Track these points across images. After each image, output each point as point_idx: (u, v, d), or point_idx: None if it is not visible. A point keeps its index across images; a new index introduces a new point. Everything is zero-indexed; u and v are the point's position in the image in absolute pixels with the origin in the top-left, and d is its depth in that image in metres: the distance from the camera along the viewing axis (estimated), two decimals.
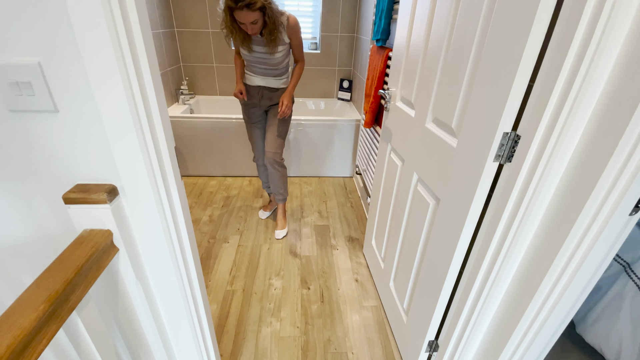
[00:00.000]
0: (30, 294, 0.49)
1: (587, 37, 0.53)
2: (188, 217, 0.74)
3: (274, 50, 1.57)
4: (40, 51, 0.51)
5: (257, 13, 1.36)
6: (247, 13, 1.34)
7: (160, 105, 0.60)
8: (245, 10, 1.33)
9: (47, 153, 0.58)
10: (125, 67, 0.52)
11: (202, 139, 2.54)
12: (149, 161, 0.60)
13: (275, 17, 1.44)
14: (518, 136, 0.69)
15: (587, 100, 0.56)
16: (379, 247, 1.59)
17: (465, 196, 0.83)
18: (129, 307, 0.74)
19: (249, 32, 1.43)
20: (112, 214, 0.61)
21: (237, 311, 1.51)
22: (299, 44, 1.64)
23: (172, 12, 2.69)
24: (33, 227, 0.66)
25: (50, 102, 0.54)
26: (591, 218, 0.60)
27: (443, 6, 0.91)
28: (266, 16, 1.41)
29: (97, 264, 0.59)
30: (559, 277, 0.68)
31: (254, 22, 1.39)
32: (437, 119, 0.96)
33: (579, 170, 0.60)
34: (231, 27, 1.46)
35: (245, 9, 1.32)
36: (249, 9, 1.32)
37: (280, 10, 1.51)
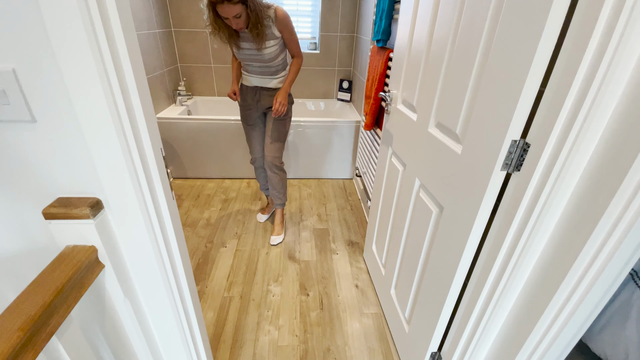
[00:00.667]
0: (4, 321, 0.45)
1: (607, 34, 0.49)
2: (179, 228, 0.71)
3: (261, 46, 1.51)
4: (14, 57, 0.47)
5: (239, 6, 1.32)
6: (228, 7, 1.30)
7: (147, 112, 0.56)
8: (226, 3, 1.29)
9: (25, 165, 0.55)
10: (106, 72, 0.48)
11: (200, 140, 2.50)
12: (134, 172, 0.56)
13: (259, 9, 1.39)
14: (527, 144, 0.65)
15: (605, 107, 0.53)
16: (379, 253, 1.55)
17: (471, 205, 0.79)
18: (117, 325, 0.70)
19: (234, 26, 1.39)
20: (96, 229, 0.57)
21: (235, 319, 1.47)
22: (291, 37, 1.55)
23: (169, 12, 2.65)
24: (15, 242, 0.62)
25: (27, 112, 0.50)
26: (607, 232, 0.56)
27: (447, 5, 0.87)
28: (249, 9, 1.36)
29: (80, 283, 0.56)
30: (571, 293, 0.64)
31: (237, 16, 1.35)
32: (441, 123, 0.93)
33: (594, 182, 0.56)
34: (215, 24, 1.42)
35: (227, 3, 1.29)
36: (230, 1, 1.29)
37: (267, 3, 1.45)
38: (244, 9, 1.34)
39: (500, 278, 0.75)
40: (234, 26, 1.39)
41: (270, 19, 1.47)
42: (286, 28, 1.51)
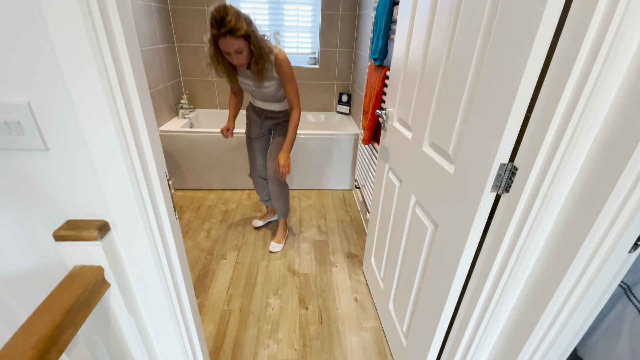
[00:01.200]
0: (18, 340, 0.48)
1: (588, 65, 0.52)
2: (181, 247, 0.73)
3: (261, 84, 1.52)
4: (30, 91, 0.51)
5: (242, 41, 1.32)
6: (230, 40, 1.30)
7: (153, 140, 0.59)
8: (229, 37, 1.29)
9: (38, 190, 0.58)
10: (116, 105, 0.52)
11: (202, 152, 2.54)
12: (140, 196, 0.59)
13: (262, 46, 1.40)
14: (515, 168, 0.68)
15: (587, 133, 0.56)
16: (378, 266, 1.57)
17: (464, 224, 0.82)
18: (121, 341, 0.72)
19: (235, 62, 1.39)
20: (103, 250, 0.60)
21: (234, 332, 1.48)
22: (289, 83, 1.53)
23: (173, 28, 2.72)
24: (26, 261, 0.65)
25: (41, 141, 0.53)
26: (590, 254, 0.59)
27: (440, 29, 0.91)
28: (251, 45, 1.36)
29: (87, 302, 0.58)
30: (561, 308, 0.67)
31: (238, 51, 1.34)
32: (434, 143, 0.96)
33: (578, 205, 0.59)
34: (214, 57, 1.42)
35: (229, 36, 1.29)
36: (232, 35, 1.28)
37: (270, 47, 1.46)
38: (246, 45, 1.35)
39: (493, 293, 0.77)
40: (234, 62, 1.39)
41: (271, 62, 1.48)
42: (284, 73, 1.50)
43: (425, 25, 0.99)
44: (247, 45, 1.35)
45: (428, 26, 0.98)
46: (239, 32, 1.29)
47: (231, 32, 1.27)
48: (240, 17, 1.30)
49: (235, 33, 1.28)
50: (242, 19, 1.30)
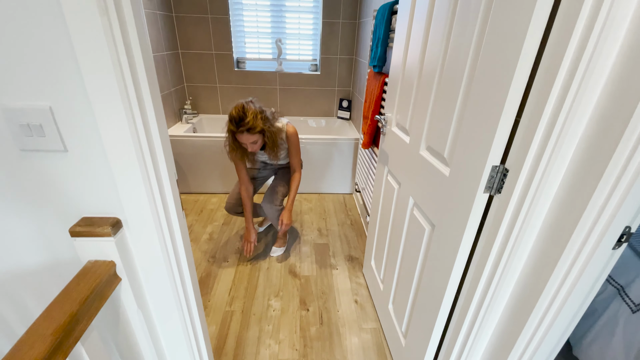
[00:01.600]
0: (38, 327, 0.51)
1: (571, 74, 0.56)
2: (188, 247, 0.77)
3: (277, 158, 1.74)
4: (52, 96, 0.55)
5: (257, 135, 1.49)
6: (247, 136, 1.47)
7: (164, 143, 0.63)
8: (246, 133, 1.46)
9: (55, 188, 0.62)
10: (131, 110, 0.56)
11: (204, 157, 2.58)
12: (151, 195, 0.63)
13: (275, 136, 1.57)
14: (506, 169, 0.71)
15: (571, 136, 0.59)
16: (378, 268, 1.60)
17: (458, 224, 0.85)
18: (129, 334, 0.75)
19: (249, 149, 1.56)
20: (115, 246, 0.63)
21: (236, 332, 1.51)
22: (295, 151, 1.74)
23: (177, 35, 2.78)
24: (42, 256, 0.69)
25: (60, 143, 0.57)
26: (577, 251, 0.62)
27: (435, 39, 0.95)
28: (266, 137, 1.54)
29: (100, 294, 0.62)
30: (550, 303, 0.70)
31: (253, 142, 1.52)
32: (431, 147, 1.00)
33: (565, 204, 0.63)
34: (233, 145, 1.58)
35: (246, 133, 1.46)
36: (249, 132, 1.46)
37: (278, 126, 1.64)
38: (260, 137, 1.52)
39: (487, 290, 0.80)
40: (249, 149, 1.56)
41: (282, 139, 1.68)
42: (292, 144, 1.71)
43: (422, 35, 1.04)
44: (261, 138, 1.54)
45: (424, 36, 1.02)
46: (255, 130, 1.46)
47: (248, 130, 1.45)
48: (258, 117, 1.47)
49: (252, 131, 1.46)
50: (259, 118, 1.47)
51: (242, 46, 2.92)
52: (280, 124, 1.66)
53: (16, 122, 0.56)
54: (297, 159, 1.77)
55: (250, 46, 2.93)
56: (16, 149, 0.59)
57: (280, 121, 1.67)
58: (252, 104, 1.49)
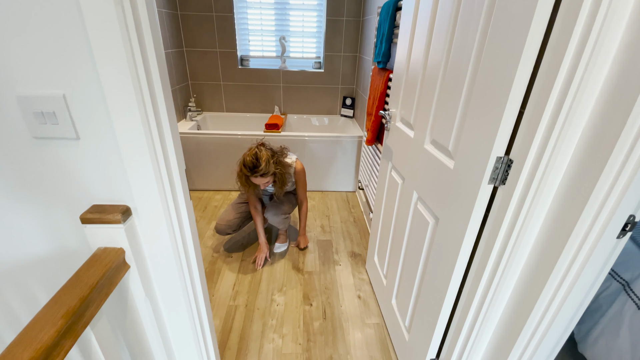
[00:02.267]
0: (49, 310, 0.52)
1: (574, 65, 0.56)
2: (196, 236, 0.78)
3: (283, 191, 1.84)
4: (65, 84, 0.56)
5: (269, 177, 1.63)
6: (260, 180, 1.60)
7: (174, 133, 0.64)
8: (260, 178, 1.59)
9: (67, 176, 0.63)
10: (143, 98, 0.57)
11: (209, 154, 2.60)
12: (161, 184, 0.64)
13: (284, 177, 1.70)
14: (511, 160, 0.72)
15: (575, 127, 0.60)
16: (381, 264, 1.61)
17: (463, 216, 0.86)
18: (137, 322, 0.76)
19: (262, 187, 1.69)
20: (125, 233, 0.64)
21: (240, 327, 1.52)
22: (302, 185, 1.89)
23: (182, 33, 2.80)
24: (50, 245, 0.70)
25: (73, 130, 0.58)
26: (581, 240, 0.62)
27: (440, 33, 0.96)
28: (276, 177, 1.68)
29: (110, 280, 0.63)
30: (554, 294, 0.70)
31: (266, 183, 1.66)
32: (435, 140, 1.00)
33: (568, 195, 0.63)
34: (245, 184, 1.69)
35: (260, 177, 1.58)
36: (262, 177, 1.58)
37: (288, 162, 1.76)
38: (272, 177, 1.66)
39: (490, 283, 0.81)
40: (261, 187, 1.68)
41: (290, 176, 1.81)
42: (300, 180, 1.86)
43: (426, 30, 1.04)
44: (272, 178, 1.68)
45: (429, 31, 1.03)
46: (268, 174, 1.59)
47: (262, 175, 1.57)
48: (270, 162, 1.57)
49: (265, 176, 1.59)
50: (271, 163, 1.58)
51: (246, 44, 2.94)
52: (289, 159, 1.78)
53: (30, 109, 0.57)
54: (303, 192, 1.93)
55: (254, 44, 2.94)
56: (29, 137, 0.60)
57: (289, 157, 1.80)
58: (263, 148, 1.61)
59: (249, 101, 3.12)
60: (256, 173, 1.55)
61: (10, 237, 0.69)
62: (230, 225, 1.93)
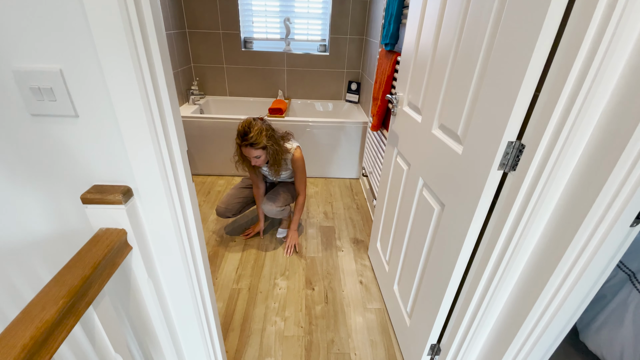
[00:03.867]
0: (51, 289, 0.52)
1: (595, 45, 0.53)
2: (198, 217, 0.77)
3: (277, 175, 1.81)
4: (62, 58, 0.54)
5: (260, 150, 1.59)
6: (250, 150, 1.57)
7: (174, 111, 0.62)
8: (249, 148, 1.57)
9: (66, 155, 0.61)
10: (142, 74, 0.55)
11: (212, 138, 2.58)
12: (162, 164, 0.63)
13: (278, 154, 1.66)
14: (523, 145, 0.70)
15: (592, 111, 0.57)
16: (384, 250, 1.60)
17: (470, 203, 0.84)
18: (140, 303, 0.76)
19: (253, 163, 1.67)
20: (126, 214, 0.63)
21: (243, 309, 1.53)
22: (300, 175, 1.82)
23: (184, 13, 2.74)
24: (51, 225, 0.69)
25: (71, 107, 0.56)
26: (593, 228, 0.61)
27: (452, 12, 0.92)
28: (267, 153, 1.63)
29: (112, 261, 0.62)
30: (561, 284, 0.69)
31: (256, 157, 1.61)
32: (444, 125, 0.98)
33: (582, 182, 0.61)
34: (240, 157, 1.70)
35: (249, 147, 1.56)
36: (252, 147, 1.56)
37: (287, 147, 1.74)
38: (263, 153, 1.62)
39: (495, 271, 0.80)
40: (252, 163, 1.67)
41: (286, 160, 1.77)
42: (297, 168, 1.80)
43: (438, 9, 1.00)
44: (264, 153, 1.63)
45: (440, 9, 0.99)
46: (258, 145, 1.56)
47: (252, 145, 1.55)
48: (262, 133, 1.56)
49: (255, 146, 1.55)
50: (263, 135, 1.56)
51: (249, 26, 2.87)
52: (290, 145, 1.75)
53: (27, 85, 0.55)
54: (301, 183, 1.86)
55: (258, 25, 2.87)
56: (27, 114, 0.58)
57: (291, 143, 1.76)
58: (259, 122, 1.59)
59: (252, 85, 3.07)
60: (246, 141, 1.53)
61: (12, 216, 0.68)
62: (230, 209, 1.93)
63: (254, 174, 1.86)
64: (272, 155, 1.65)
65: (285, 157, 1.74)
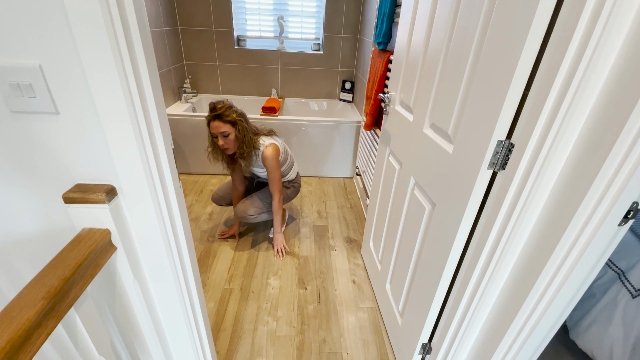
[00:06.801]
0: (30, 290, 0.50)
1: (583, 44, 0.53)
2: (185, 217, 0.76)
3: (248, 168, 1.67)
4: (41, 54, 0.52)
5: (228, 126, 1.49)
6: (218, 123, 1.48)
7: (159, 108, 0.61)
8: (217, 121, 1.48)
9: (48, 153, 0.60)
10: (124, 69, 0.53)
11: (204, 137, 2.55)
12: (146, 162, 0.61)
13: (247, 138, 1.55)
14: (512, 144, 0.69)
15: (580, 110, 0.57)
16: (376, 249, 1.60)
17: (460, 202, 0.84)
18: (126, 304, 0.75)
19: (220, 143, 1.53)
20: (110, 214, 0.62)
21: (235, 309, 1.52)
22: (272, 175, 1.68)
23: (176, 10, 2.71)
24: (35, 224, 0.68)
25: (51, 104, 0.55)
26: (581, 227, 0.61)
27: (443, 11, 0.91)
28: (237, 130, 1.52)
29: (95, 262, 0.61)
30: (550, 282, 0.69)
31: (224, 134, 1.50)
32: (435, 124, 0.97)
33: (570, 180, 0.61)
34: (212, 144, 1.61)
35: (217, 120, 1.48)
36: (220, 119, 1.48)
37: (260, 141, 1.63)
38: (232, 130, 1.51)
39: (485, 270, 0.80)
40: (220, 142, 1.53)
41: (256, 153, 1.65)
42: (268, 167, 1.66)
43: (429, 8, 0.99)
44: (233, 131, 1.52)
45: (431, 9, 0.98)
46: (226, 118, 1.48)
47: (219, 116, 1.48)
48: (232, 109, 1.51)
49: (223, 118, 1.48)
50: (234, 111, 1.51)
51: (243, 23, 2.85)
52: (263, 141, 1.64)
53: (6, 81, 0.53)
54: (274, 181, 1.70)
55: (251, 23, 2.85)
56: (7, 111, 0.56)
57: (266, 139, 1.66)
58: (234, 106, 1.53)
59: (246, 83, 3.05)
60: (215, 111, 1.47)
61: None
62: (224, 197, 1.95)
63: (233, 171, 1.77)
64: (240, 133, 1.53)
65: (256, 151, 1.64)
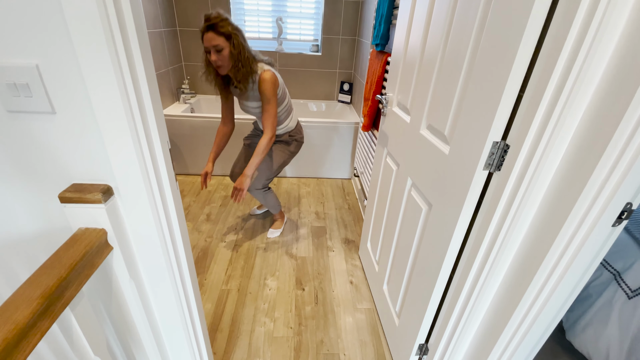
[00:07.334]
0: (25, 290, 0.50)
1: (577, 46, 0.54)
2: (182, 217, 0.76)
3: (243, 95, 1.53)
4: (38, 53, 0.52)
5: (222, 39, 1.34)
6: (212, 35, 1.33)
7: (156, 108, 0.61)
8: (211, 32, 1.33)
9: (44, 153, 0.60)
10: (121, 70, 0.54)
11: (202, 138, 2.55)
12: (143, 162, 0.61)
13: (243, 52, 1.39)
14: (507, 145, 0.70)
15: (574, 111, 0.58)
16: (374, 250, 1.60)
17: (456, 203, 0.84)
18: (122, 304, 0.75)
19: (212, 58, 1.38)
20: (106, 214, 0.62)
21: (232, 310, 1.52)
22: (267, 104, 1.48)
23: (175, 11, 2.71)
24: (31, 224, 0.68)
25: (48, 104, 0.55)
26: (575, 227, 0.61)
27: (439, 14, 0.92)
28: (232, 45, 1.36)
29: (91, 261, 0.61)
30: (545, 282, 0.69)
31: (217, 49, 1.35)
32: (431, 125, 0.98)
33: (565, 181, 0.61)
34: (206, 61, 1.44)
35: (211, 31, 1.32)
36: (214, 30, 1.32)
37: (258, 62, 1.47)
38: (226, 45, 1.36)
39: (481, 270, 0.80)
40: (212, 58, 1.38)
41: (253, 79, 1.47)
42: (263, 93, 1.47)
43: (426, 11, 1.00)
44: (228, 46, 1.36)
45: (428, 11, 0.99)
46: (221, 29, 1.32)
47: (213, 27, 1.32)
48: (227, 21, 1.34)
49: (217, 29, 1.32)
50: (229, 23, 1.34)
51: (241, 24, 2.85)
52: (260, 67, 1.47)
53: (3, 80, 0.53)
54: (268, 114, 1.47)
55: (250, 24, 2.86)
56: (4, 110, 0.56)
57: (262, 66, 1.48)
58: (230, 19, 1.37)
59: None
60: (209, 21, 1.31)
61: None
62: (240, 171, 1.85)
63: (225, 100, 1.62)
64: (236, 48, 1.37)
65: (253, 77, 1.46)
